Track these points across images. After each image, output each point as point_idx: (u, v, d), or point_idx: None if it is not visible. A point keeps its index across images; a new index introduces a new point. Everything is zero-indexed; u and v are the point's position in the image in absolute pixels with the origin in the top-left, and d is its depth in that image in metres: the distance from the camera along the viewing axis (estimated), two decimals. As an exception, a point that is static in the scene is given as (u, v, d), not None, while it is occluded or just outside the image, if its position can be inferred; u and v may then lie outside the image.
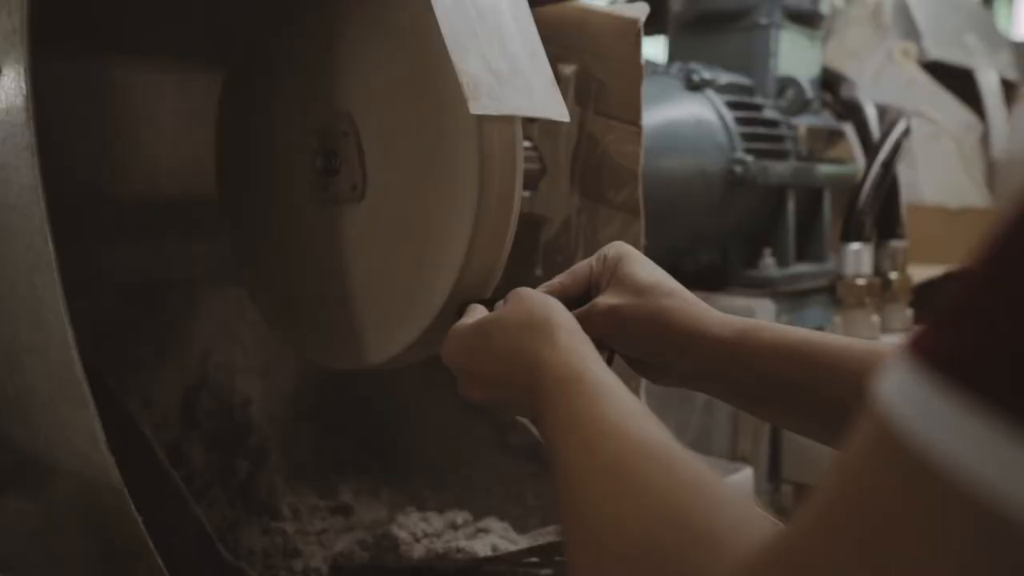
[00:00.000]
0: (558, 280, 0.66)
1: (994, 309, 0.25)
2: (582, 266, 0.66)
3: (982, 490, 0.24)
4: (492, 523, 0.92)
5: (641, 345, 0.62)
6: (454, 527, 0.91)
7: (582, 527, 0.41)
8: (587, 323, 0.60)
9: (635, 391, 0.91)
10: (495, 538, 0.88)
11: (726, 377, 0.60)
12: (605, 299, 0.63)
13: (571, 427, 0.46)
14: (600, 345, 0.61)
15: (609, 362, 0.61)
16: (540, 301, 0.57)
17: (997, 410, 0.24)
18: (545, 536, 0.86)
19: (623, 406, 0.45)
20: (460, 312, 0.67)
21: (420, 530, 0.88)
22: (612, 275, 0.64)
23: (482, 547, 0.85)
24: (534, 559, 0.84)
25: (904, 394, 0.26)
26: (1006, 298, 0.25)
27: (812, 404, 0.58)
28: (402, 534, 0.86)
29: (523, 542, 0.88)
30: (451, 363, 0.61)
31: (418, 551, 0.84)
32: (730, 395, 0.64)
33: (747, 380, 0.59)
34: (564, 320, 0.55)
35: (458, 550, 0.83)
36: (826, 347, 0.57)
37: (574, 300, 0.64)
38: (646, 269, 0.64)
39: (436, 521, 0.91)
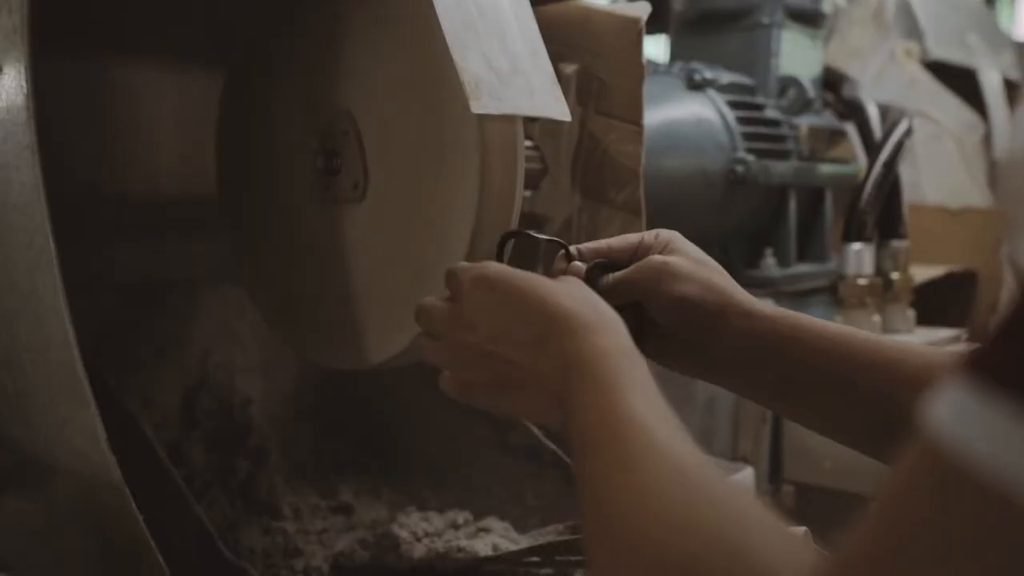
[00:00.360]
0: (605, 242, 0.63)
1: None
2: (632, 235, 0.64)
3: None
4: (493, 523, 0.92)
5: (688, 312, 0.58)
6: (455, 527, 0.91)
7: (605, 537, 0.39)
8: (637, 274, 0.59)
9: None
10: (496, 538, 0.88)
11: (765, 362, 0.58)
12: (661, 256, 0.61)
13: (607, 425, 0.42)
14: (634, 318, 0.58)
15: (636, 333, 0.54)
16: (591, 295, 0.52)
17: None
18: (546, 536, 0.86)
19: (663, 414, 0.43)
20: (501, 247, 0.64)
21: (421, 529, 0.88)
22: (665, 246, 0.62)
23: (483, 547, 0.85)
24: (535, 559, 0.84)
25: (957, 413, 0.25)
26: None
27: (850, 403, 0.56)
28: (403, 533, 0.86)
29: (524, 542, 0.88)
30: (481, 300, 0.52)
31: (419, 550, 0.84)
32: (756, 386, 0.61)
33: (787, 368, 0.57)
34: (615, 317, 0.50)
35: (459, 550, 0.83)
36: (878, 346, 0.56)
37: (617, 264, 0.61)
38: (704, 255, 0.63)
39: (437, 520, 0.90)
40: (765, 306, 0.61)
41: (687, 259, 0.61)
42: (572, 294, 0.51)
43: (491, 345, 0.52)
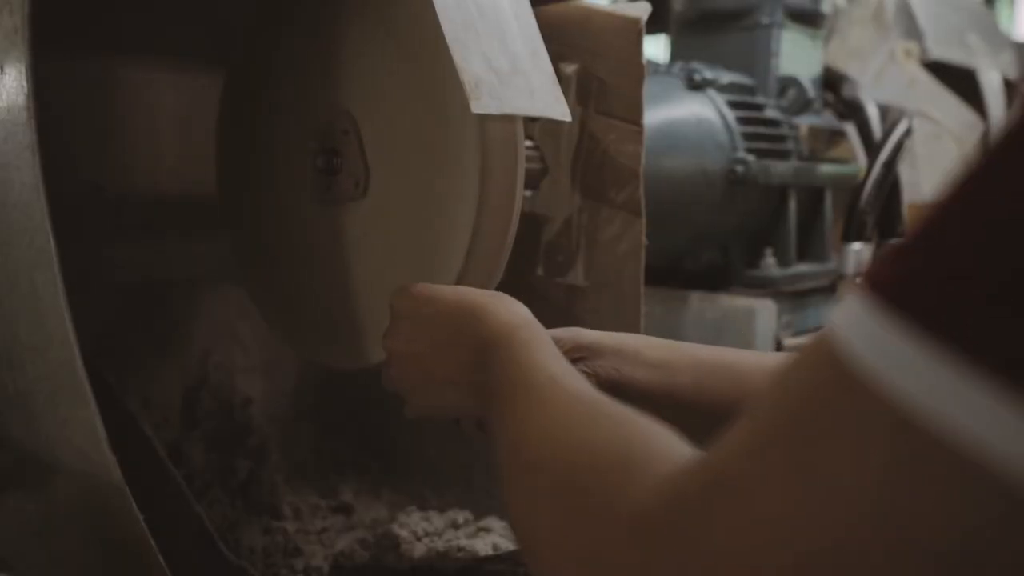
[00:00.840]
0: None
1: (933, 238, 0.26)
2: None
3: (905, 404, 0.25)
4: (493, 522, 0.92)
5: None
6: (455, 526, 0.92)
7: (515, 467, 0.44)
8: None
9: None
10: (496, 537, 0.88)
11: (657, 400, 0.62)
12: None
13: (516, 380, 0.49)
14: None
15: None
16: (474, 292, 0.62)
17: (925, 330, 0.25)
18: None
19: (561, 365, 0.49)
20: None
21: (421, 529, 0.88)
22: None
23: (483, 546, 0.85)
24: None
25: (850, 321, 0.27)
26: (942, 228, 0.26)
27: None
28: (403, 533, 0.86)
29: (524, 542, 0.87)
30: (402, 313, 0.63)
31: (419, 550, 0.84)
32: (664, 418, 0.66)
33: (674, 400, 0.61)
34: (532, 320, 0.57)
35: (459, 549, 0.83)
36: (744, 364, 0.61)
37: None
38: (600, 338, 0.66)
39: (437, 520, 0.91)
40: (639, 344, 0.65)
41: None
42: (459, 293, 0.61)
43: (413, 348, 0.62)
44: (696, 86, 1.30)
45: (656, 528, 0.31)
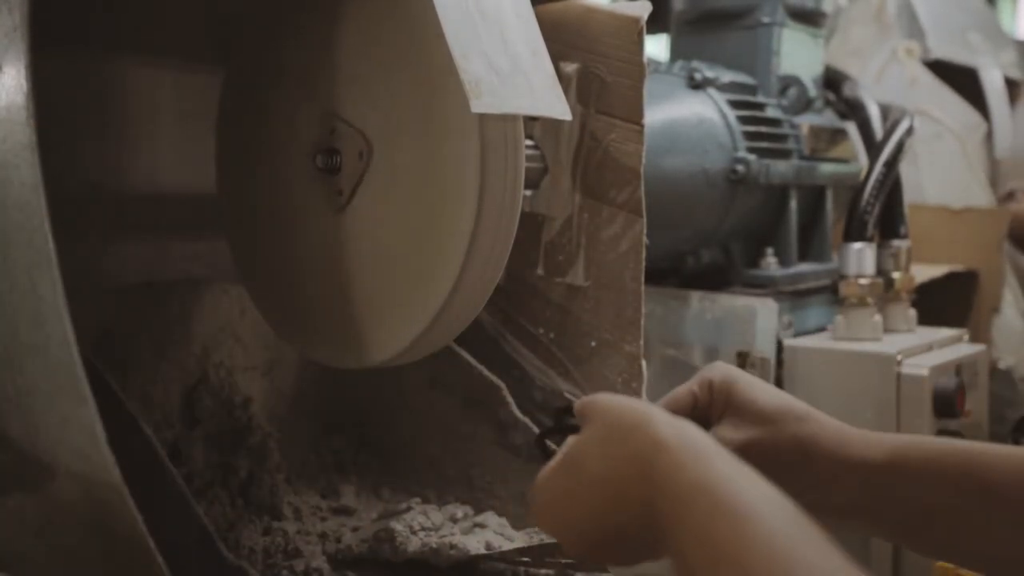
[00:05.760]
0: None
1: None
2: (682, 392, 0.58)
3: None
4: (490, 518, 0.92)
5: (781, 483, 0.51)
6: (453, 520, 0.92)
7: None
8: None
9: (636, 392, 0.90)
10: (490, 534, 0.88)
11: (881, 509, 0.53)
12: (728, 433, 0.55)
13: (715, 560, 0.39)
14: None
15: None
16: (625, 402, 0.49)
17: None
18: (540, 535, 0.86)
19: (774, 523, 0.39)
20: (542, 445, 0.59)
21: (418, 523, 0.88)
22: (727, 404, 0.56)
23: (476, 544, 0.85)
24: (525, 559, 0.84)
25: None
26: None
27: (981, 529, 0.50)
28: (398, 527, 0.86)
29: (519, 539, 0.87)
30: (546, 524, 0.51)
31: (413, 544, 0.84)
32: (889, 529, 0.56)
33: (905, 509, 0.52)
34: (662, 415, 0.47)
35: (451, 546, 0.83)
36: (990, 459, 0.50)
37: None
38: (768, 393, 0.56)
39: (435, 515, 0.91)
40: (869, 442, 0.54)
41: (761, 424, 0.55)
42: (597, 424, 0.48)
43: (602, 542, 0.49)
44: (697, 85, 1.30)
45: None
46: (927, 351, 1.33)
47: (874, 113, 1.49)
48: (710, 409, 0.57)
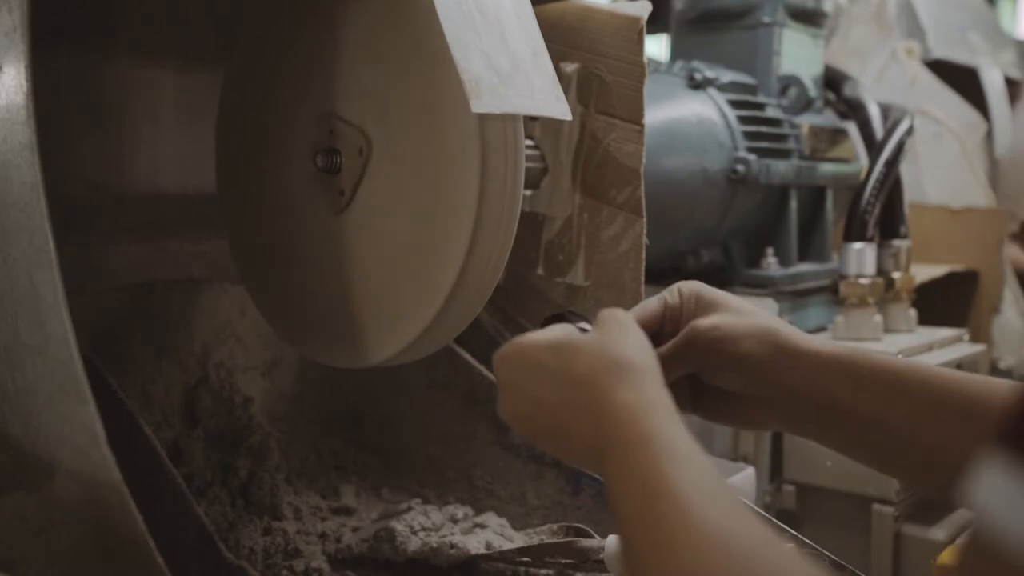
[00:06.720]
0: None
1: None
2: (650, 301, 0.61)
3: None
4: (490, 518, 0.92)
5: (749, 366, 0.57)
6: (454, 521, 0.92)
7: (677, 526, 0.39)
8: (687, 347, 0.56)
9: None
10: (490, 534, 0.88)
11: (840, 402, 0.55)
12: (702, 320, 0.58)
13: (644, 499, 0.42)
14: (687, 387, 0.58)
15: (691, 402, 0.58)
16: (632, 338, 0.51)
17: None
18: (540, 535, 0.86)
19: (702, 480, 0.42)
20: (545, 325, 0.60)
21: (418, 523, 0.88)
22: (696, 303, 0.60)
23: (476, 543, 0.85)
24: (525, 559, 0.84)
25: (995, 492, 0.25)
26: None
27: (918, 443, 0.53)
28: (399, 527, 0.86)
29: (519, 539, 0.88)
30: (506, 376, 0.54)
31: (413, 544, 0.84)
32: (835, 432, 0.58)
33: (862, 406, 0.55)
34: (650, 364, 0.49)
35: (451, 546, 0.83)
36: (944, 381, 0.53)
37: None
38: (735, 297, 0.60)
39: (436, 515, 0.91)
40: (814, 342, 0.58)
41: (732, 314, 0.58)
42: (598, 340, 0.51)
43: (531, 408, 0.53)
44: (697, 85, 1.30)
45: None
46: (927, 351, 1.33)
47: (874, 113, 1.49)
48: (678, 311, 0.60)
